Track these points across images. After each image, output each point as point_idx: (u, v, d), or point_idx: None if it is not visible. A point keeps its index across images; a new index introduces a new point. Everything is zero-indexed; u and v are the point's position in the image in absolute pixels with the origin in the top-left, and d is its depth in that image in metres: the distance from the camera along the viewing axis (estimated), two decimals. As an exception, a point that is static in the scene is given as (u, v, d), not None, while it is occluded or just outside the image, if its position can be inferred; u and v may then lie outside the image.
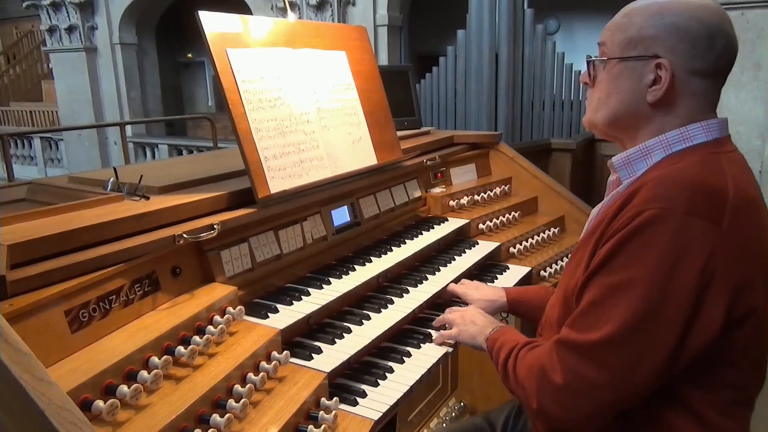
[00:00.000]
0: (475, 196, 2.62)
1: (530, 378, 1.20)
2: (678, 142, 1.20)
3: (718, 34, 1.17)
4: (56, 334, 1.16)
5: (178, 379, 1.24)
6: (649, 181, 1.14)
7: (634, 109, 1.24)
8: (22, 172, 12.54)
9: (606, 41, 1.29)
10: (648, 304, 1.06)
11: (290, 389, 1.36)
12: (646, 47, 1.20)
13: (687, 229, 1.05)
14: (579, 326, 1.15)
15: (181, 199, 1.57)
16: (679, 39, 1.17)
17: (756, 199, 1.15)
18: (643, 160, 1.24)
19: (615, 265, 1.11)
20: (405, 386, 1.50)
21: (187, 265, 1.50)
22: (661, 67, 1.19)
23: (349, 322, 1.68)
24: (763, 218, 1.15)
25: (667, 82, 1.18)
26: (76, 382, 1.08)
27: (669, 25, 1.18)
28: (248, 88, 1.71)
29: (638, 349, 1.08)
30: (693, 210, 1.06)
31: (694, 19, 1.17)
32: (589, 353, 1.11)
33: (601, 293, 1.12)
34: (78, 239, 1.30)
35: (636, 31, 1.22)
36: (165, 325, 1.31)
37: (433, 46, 9.73)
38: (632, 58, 1.22)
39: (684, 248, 1.05)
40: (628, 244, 1.09)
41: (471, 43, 6.54)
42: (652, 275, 1.06)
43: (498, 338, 1.46)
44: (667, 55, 1.18)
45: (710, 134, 1.19)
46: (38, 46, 14.89)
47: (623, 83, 1.25)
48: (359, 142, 2.10)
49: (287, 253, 1.80)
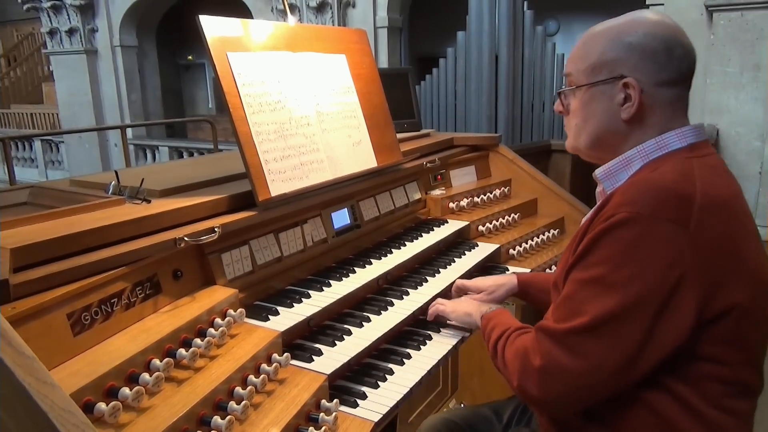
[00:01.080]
0: (475, 198, 2.63)
1: (514, 359, 1.30)
2: (654, 151, 1.28)
3: (674, 44, 1.26)
4: (59, 336, 1.17)
5: (179, 382, 1.25)
6: (621, 188, 1.23)
7: (612, 128, 1.32)
8: (23, 175, 12.56)
9: (572, 71, 1.37)
10: (616, 301, 1.14)
11: (291, 391, 1.37)
12: (611, 70, 1.29)
13: (653, 231, 1.12)
14: (556, 316, 1.24)
15: (182, 203, 1.58)
16: (640, 56, 1.26)
17: (727, 200, 1.20)
18: (624, 170, 1.32)
19: (587, 262, 1.20)
20: (405, 388, 1.51)
21: (188, 268, 1.51)
22: (628, 85, 1.27)
23: (350, 324, 1.69)
24: (738, 218, 1.21)
25: (637, 98, 1.27)
26: (78, 384, 1.09)
27: (628, 46, 1.27)
28: (249, 91, 1.72)
29: (607, 341, 1.16)
30: (659, 213, 1.13)
31: (649, 36, 1.26)
32: (562, 340, 1.20)
33: (574, 287, 1.22)
34: (80, 243, 1.31)
35: (598, 56, 1.30)
36: (166, 328, 1.32)
37: (433, 48, 9.76)
38: (600, 83, 1.31)
39: (649, 249, 1.12)
40: (598, 243, 1.18)
41: (471, 45, 6.55)
42: (620, 275, 1.14)
43: (492, 318, 1.55)
44: (632, 73, 1.26)
45: (684, 140, 1.27)
46: (39, 48, 14.92)
47: (596, 106, 1.33)
48: (359, 145, 2.11)
49: (288, 255, 1.81)
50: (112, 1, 11.34)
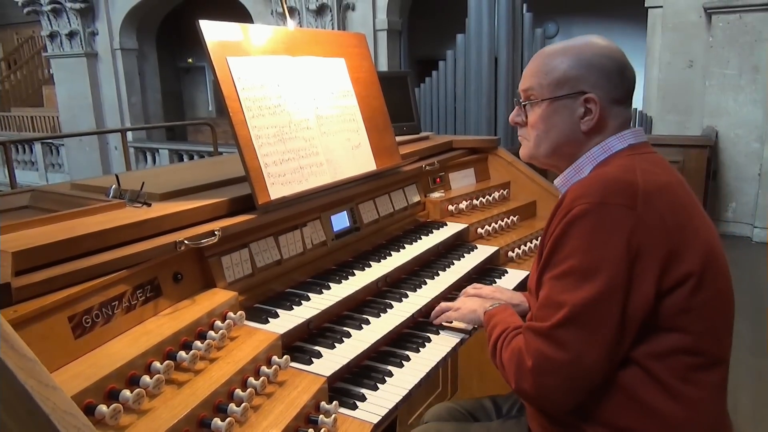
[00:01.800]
0: (474, 201, 2.64)
1: (511, 361, 1.36)
2: (600, 154, 1.41)
3: (624, 68, 1.41)
4: (60, 339, 1.18)
5: (179, 384, 1.26)
6: (572, 188, 1.32)
7: (572, 138, 1.43)
8: (23, 177, 12.58)
9: (533, 85, 1.46)
10: (590, 286, 1.22)
11: (290, 393, 1.37)
12: (573, 86, 1.40)
13: (606, 215, 1.23)
14: (540, 316, 1.31)
15: (183, 206, 1.59)
16: (599, 75, 1.38)
17: (667, 184, 1.31)
18: (577, 175, 1.44)
19: (554, 261, 1.29)
20: (404, 390, 1.52)
21: (188, 271, 1.52)
22: (590, 100, 1.39)
23: (349, 326, 1.70)
24: (680, 199, 1.31)
25: (597, 112, 1.39)
26: (79, 386, 1.10)
27: (588, 65, 1.39)
28: (248, 95, 1.73)
29: (589, 327, 1.23)
30: (608, 199, 1.23)
31: (605, 58, 1.39)
32: (548, 336, 1.26)
33: (550, 286, 1.30)
34: (81, 246, 1.32)
35: (561, 73, 1.41)
36: (167, 331, 1.33)
37: (433, 51, 9.79)
38: (563, 97, 1.41)
39: (607, 232, 1.22)
40: (561, 240, 1.27)
41: (470, 47, 6.58)
42: (587, 261, 1.23)
43: (495, 315, 1.59)
44: (592, 89, 1.39)
45: (624, 142, 1.40)
46: (39, 51, 14.94)
47: (558, 119, 1.43)
48: (358, 148, 2.13)
49: (287, 258, 1.82)
50: (112, 5, 11.37)
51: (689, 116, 6.91)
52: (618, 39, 5.34)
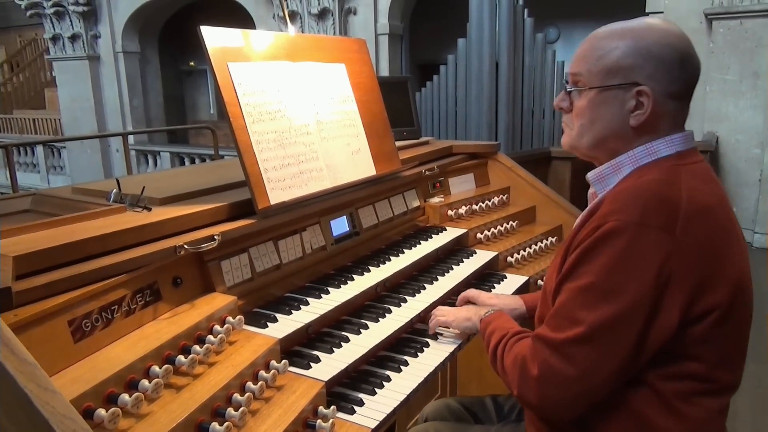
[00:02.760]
0: (474, 206, 2.64)
1: (514, 367, 1.33)
2: (644, 157, 1.30)
3: (688, 58, 1.28)
4: (60, 343, 1.18)
5: (178, 388, 1.26)
6: (609, 195, 1.26)
7: (618, 133, 1.32)
8: (25, 180, 12.60)
9: (582, 71, 1.35)
10: (610, 308, 1.17)
11: (288, 398, 1.38)
12: (626, 76, 1.28)
13: (641, 238, 1.16)
14: (552, 325, 1.26)
15: (183, 211, 1.59)
16: (656, 66, 1.26)
17: (711, 207, 1.23)
18: (614, 174, 1.35)
19: (579, 272, 1.23)
20: (402, 395, 1.52)
21: (188, 276, 1.53)
22: (642, 93, 1.27)
23: (348, 331, 1.70)
24: (721, 223, 1.24)
25: (650, 107, 1.27)
26: (78, 390, 1.10)
27: (645, 54, 1.26)
28: (249, 101, 1.74)
29: (602, 347, 1.19)
30: (646, 220, 1.16)
31: (667, 46, 1.26)
32: (559, 349, 1.23)
33: (568, 297, 1.24)
34: (81, 250, 1.32)
35: (614, 60, 1.29)
36: (166, 335, 1.34)
37: (434, 55, 9.79)
38: (613, 87, 1.30)
39: (640, 256, 1.16)
40: (590, 254, 1.21)
41: (471, 52, 6.60)
42: (613, 282, 1.17)
43: (491, 321, 1.57)
44: (647, 81, 1.26)
45: (672, 147, 1.29)
46: (41, 54, 14.98)
47: (606, 110, 1.32)
48: (358, 153, 2.13)
49: (287, 263, 1.82)
50: (114, 8, 11.41)
51: (690, 121, 6.76)
52: (618, 45, 5.20)
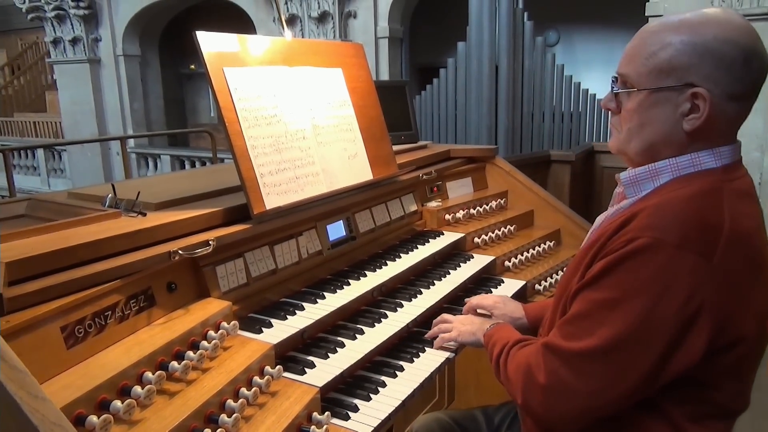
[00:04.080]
0: (471, 210, 2.64)
1: (518, 374, 1.27)
2: (687, 167, 1.20)
3: (754, 56, 1.14)
4: (52, 350, 1.18)
5: (171, 394, 1.26)
6: (648, 207, 1.15)
7: (670, 138, 1.21)
8: (25, 183, 12.60)
9: (630, 72, 1.24)
10: (630, 328, 1.11)
11: (282, 404, 1.37)
12: (680, 77, 1.16)
13: (677, 261, 1.08)
14: (565, 333, 1.20)
15: (178, 216, 1.59)
16: (714, 66, 1.13)
17: (750, 233, 1.16)
18: (650, 180, 1.24)
19: (604, 283, 1.15)
20: (397, 401, 1.52)
21: (182, 281, 1.53)
22: (698, 96, 1.15)
23: (343, 336, 1.70)
24: (757, 250, 1.17)
25: (706, 110, 1.15)
26: (70, 397, 1.10)
27: (702, 52, 1.13)
28: (245, 106, 1.74)
29: (616, 367, 1.13)
30: (685, 244, 1.08)
31: (728, 43, 1.13)
32: (570, 360, 1.17)
33: (587, 307, 1.17)
34: (74, 256, 1.32)
35: (666, 59, 1.17)
36: (159, 341, 1.33)
37: (434, 58, 9.81)
38: (665, 89, 1.18)
39: (672, 280, 1.08)
40: (619, 267, 1.12)
41: (471, 55, 6.60)
42: (638, 302, 1.10)
43: (493, 334, 1.54)
44: (703, 83, 1.14)
45: (719, 161, 1.19)
46: (42, 57, 15.00)
47: (656, 113, 1.21)
48: (355, 158, 2.13)
49: (282, 267, 1.82)
50: (115, 11, 11.42)
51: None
52: (619, 47, 5.33)
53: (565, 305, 1.27)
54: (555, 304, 1.38)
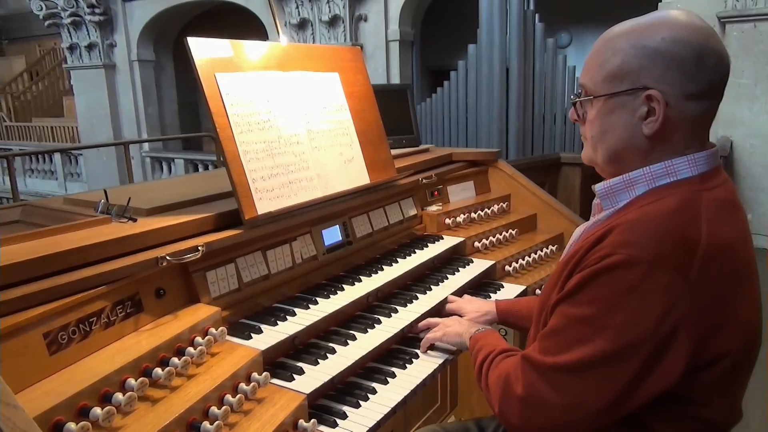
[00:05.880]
0: (472, 214, 2.62)
1: (497, 384, 1.27)
2: (662, 176, 1.18)
3: (706, 53, 1.13)
4: (34, 356, 1.18)
5: (154, 401, 1.25)
6: (623, 222, 1.13)
7: (632, 143, 1.21)
8: (43, 187, 12.79)
9: (587, 80, 1.25)
10: (605, 345, 1.09)
11: (268, 410, 1.36)
12: (633, 80, 1.16)
13: (652, 278, 1.06)
14: (543, 347, 1.19)
15: (168, 221, 1.59)
16: (666, 67, 1.13)
17: (731, 244, 1.12)
18: (626, 191, 1.22)
19: (580, 299, 1.14)
20: (387, 408, 1.50)
21: (171, 287, 1.53)
22: (652, 98, 1.15)
23: (335, 342, 1.69)
24: (739, 261, 1.14)
25: (662, 113, 1.14)
26: (50, 404, 1.10)
27: (652, 54, 1.14)
28: (237, 111, 1.74)
29: (591, 383, 1.11)
30: (660, 260, 1.06)
31: (678, 43, 1.12)
32: (547, 374, 1.16)
33: (564, 322, 1.17)
34: (60, 262, 1.32)
35: (618, 64, 1.18)
36: (145, 347, 1.33)
37: (445, 61, 9.78)
38: (620, 93, 1.18)
39: (646, 297, 1.06)
40: (594, 282, 1.11)
41: (482, 58, 6.57)
42: (613, 319, 1.08)
43: (480, 339, 1.54)
44: (657, 85, 1.14)
45: (696, 168, 1.17)
46: (60, 63, 15.22)
47: (615, 119, 1.21)
48: (351, 162, 2.12)
49: (275, 273, 1.81)
50: (130, 17, 11.56)
51: (704, 127, 6.81)
52: (626, 50, 5.05)
53: (546, 318, 1.25)
54: (536, 316, 1.36)
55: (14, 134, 15.01)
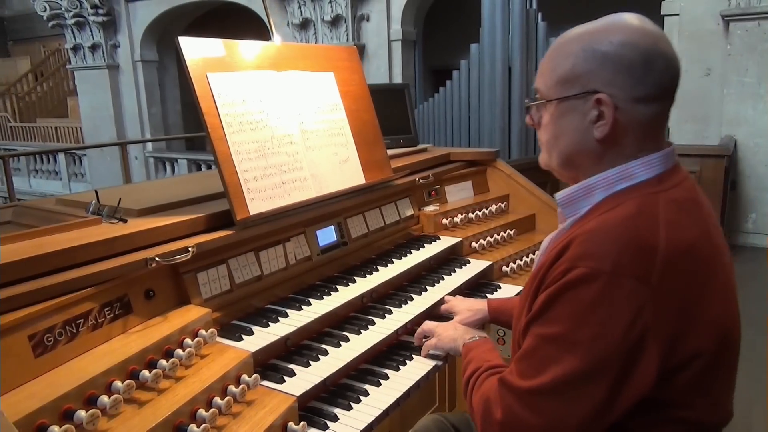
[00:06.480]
0: (470, 214, 2.60)
1: (479, 405, 1.25)
2: (618, 181, 1.18)
3: (654, 56, 1.14)
4: (19, 358, 1.18)
5: (141, 404, 1.24)
6: (581, 234, 1.12)
7: (584, 147, 1.21)
8: (47, 187, 12.83)
9: (540, 85, 1.26)
10: (578, 362, 1.08)
11: (257, 413, 1.35)
12: (583, 84, 1.17)
13: (614, 289, 1.05)
14: (518, 370, 1.17)
15: (159, 222, 1.58)
16: (614, 70, 1.14)
17: (692, 244, 1.11)
18: (585, 198, 1.22)
19: (548, 317, 1.13)
20: (378, 410, 1.49)
21: (161, 288, 1.52)
22: (601, 102, 1.15)
23: (327, 344, 1.67)
24: (704, 259, 1.13)
25: (611, 116, 1.15)
26: (33, 406, 1.09)
27: (601, 58, 1.15)
28: (229, 111, 1.73)
29: (569, 401, 1.09)
30: (620, 269, 1.05)
31: (626, 46, 1.13)
32: (524, 398, 1.14)
33: (535, 343, 1.15)
34: (47, 263, 1.32)
35: (569, 68, 1.18)
36: (133, 349, 1.32)
37: (448, 60, 9.75)
38: (571, 97, 1.19)
39: (611, 308, 1.05)
40: (559, 299, 1.10)
41: (484, 57, 6.56)
42: (582, 334, 1.07)
43: (472, 349, 1.51)
44: (606, 88, 1.14)
45: (652, 170, 1.17)
46: (64, 64, 15.27)
47: (567, 123, 1.21)
48: (346, 162, 2.11)
49: (268, 274, 1.80)
50: (133, 18, 11.58)
51: (707, 125, 6.78)
52: (627, 48, 4.95)
53: (520, 338, 1.24)
54: (513, 335, 1.34)
55: (19, 135, 15.07)
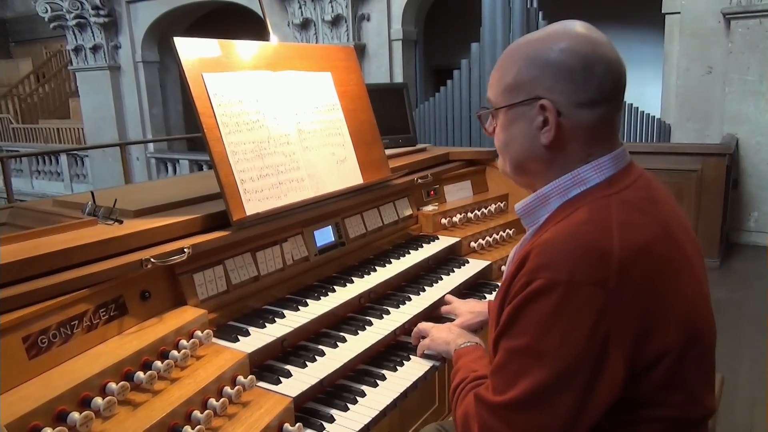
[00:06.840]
0: (469, 214, 2.59)
1: (461, 419, 1.24)
2: (571, 187, 1.20)
3: (594, 61, 1.16)
4: (13, 360, 1.17)
5: (136, 405, 1.24)
6: (538, 245, 1.13)
7: (532, 153, 1.23)
8: (49, 188, 12.84)
9: (491, 94, 1.30)
10: (546, 371, 1.08)
11: (253, 414, 1.35)
12: (528, 91, 1.20)
13: (572, 297, 1.06)
14: (491, 386, 1.18)
15: (155, 223, 1.58)
16: (555, 77, 1.16)
17: (648, 241, 1.11)
18: (542, 207, 1.24)
19: (514, 331, 1.13)
20: (375, 411, 1.48)
21: (157, 289, 1.51)
22: (545, 108, 1.18)
23: (324, 344, 1.67)
24: (663, 257, 1.13)
25: (554, 122, 1.17)
26: (27, 408, 1.09)
27: (542, 65, 1.18)
28: (225, 111, 1.73)
29: (543, 412, 1.09)
30: (577, 276, 1.06)
31: (566, 52, 1.16)
32: (498, 413, 1.14)
33: (505, 357, 1.15)
34: (42, 265, 1.31)
35: (513, 77, 1.22)
36: (128, 350, 1.32)
37: (448, 60, 9.76)
38: (517, 104, 1.22)
39: (572, 316, 1.06)
40: (523, 311, 1.11)
41: (485, 56, 6.56)
42: (547, 344, 1.08)
43: (461, 357, 1.50)
44: (548, 94, 1.17)
45: (602, 173, 1.19)
46: (66, 65, 15.29)
47: (516, 130, 1.24)
48: (344, 162, 2.11)
49: (265, 274, 1.80)
50: (134, 19, 11.59)
51: (709, 123, 6.76)
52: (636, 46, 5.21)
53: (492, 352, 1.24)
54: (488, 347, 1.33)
55: (21, 136, 15.09)
